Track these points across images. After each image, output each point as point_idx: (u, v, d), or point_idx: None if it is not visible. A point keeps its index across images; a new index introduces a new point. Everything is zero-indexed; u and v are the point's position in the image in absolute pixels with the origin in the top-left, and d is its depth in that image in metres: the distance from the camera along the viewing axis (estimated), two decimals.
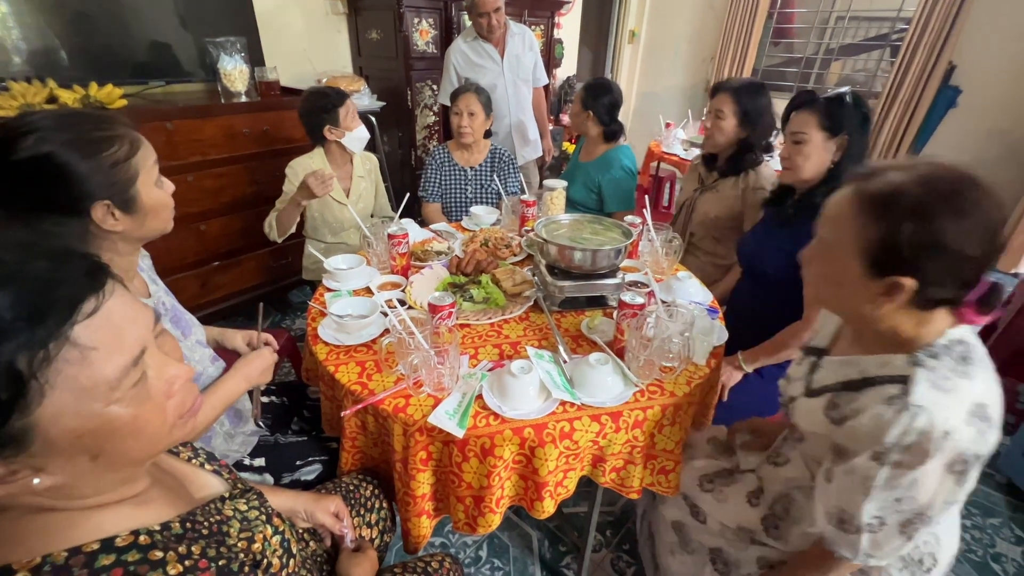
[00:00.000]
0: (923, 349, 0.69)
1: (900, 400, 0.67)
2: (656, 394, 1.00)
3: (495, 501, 0.94)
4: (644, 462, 1.01)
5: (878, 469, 0.68)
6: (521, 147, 2.69)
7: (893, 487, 0.68)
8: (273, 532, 0.62)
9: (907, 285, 0.65)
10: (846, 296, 0.73)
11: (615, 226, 1.37)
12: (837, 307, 0.80)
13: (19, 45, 1.85)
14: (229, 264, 2.32)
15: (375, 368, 1.05)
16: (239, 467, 1.09)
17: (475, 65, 2.45)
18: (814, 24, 4.32)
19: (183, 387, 0.50)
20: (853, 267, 0.69)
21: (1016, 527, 1.62)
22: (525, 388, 0.95)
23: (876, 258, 0.67)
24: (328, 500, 0.92)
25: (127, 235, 0.84)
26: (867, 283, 0.69)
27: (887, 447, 0.67)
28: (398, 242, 1.36)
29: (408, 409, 0.95)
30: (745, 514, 0.99)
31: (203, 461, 0.66)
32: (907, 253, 0.64)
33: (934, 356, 0.68)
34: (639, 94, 5.25)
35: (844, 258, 0.70)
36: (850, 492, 0.72)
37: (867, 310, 0.71)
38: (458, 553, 1.49)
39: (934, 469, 0.66)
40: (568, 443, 0.92)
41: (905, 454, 0.66)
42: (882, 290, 0.67)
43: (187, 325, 1.04)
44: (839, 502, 0.74)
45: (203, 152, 2.07)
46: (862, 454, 0.70)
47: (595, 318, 1.22)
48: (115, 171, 0.78)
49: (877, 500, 0.69)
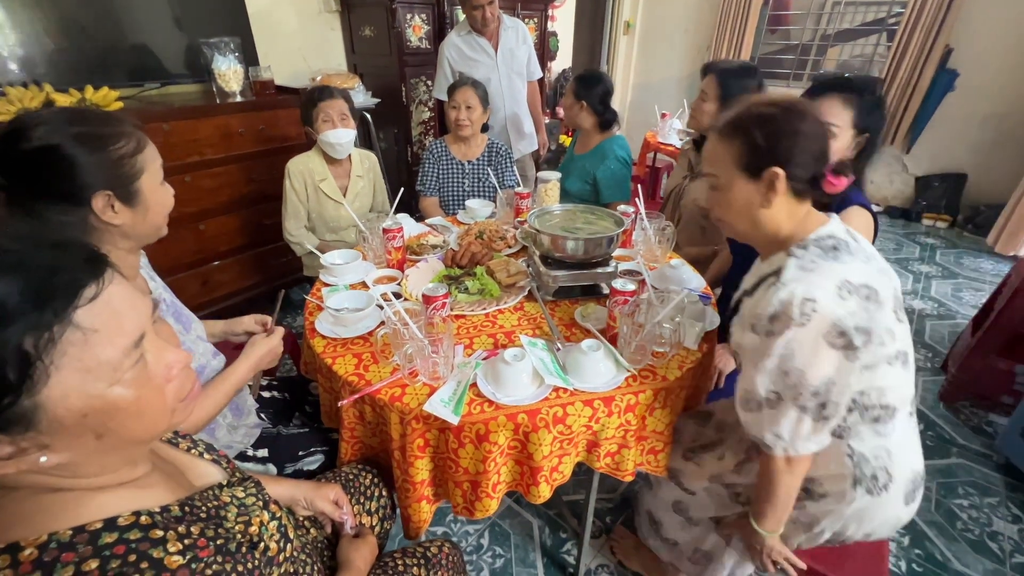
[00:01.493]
0: (796, 244, 0.83)
1: (774, 282, 0.81)
2: (648, 379, 1.02)
3: (491, 486, 0.96)
4: (636, 443, 1.03)
5: (754, 338, 0.81)
6: (516, 141, 2.69)
7: (770, 354, 0.78)
8: (271, 518, 0.64)
9: (777, 172, 0.80)
10: (743, 209, 0.86)
11: (608, 215, 1.38)
12: (742, 224, 0.90)
13: (15, 50, 1.86)
14: (229, 263, 2.34)
15: (372, 359, 1.07)
16: (242, 458, 1.11)
17: (469, 59, 2.45)
18: (810, 10, 4.30)
19: (181, 372, 0.52)
20: (738, 181, 0.85)
21: (1013, 506, 1.63)
22: (518, 375, 0.97)
23: (748, 162, 0.83)
24: (327, 488, 0.94)
25: (127, 230, 0.86)
26: (751, 187, 0.84)
27: (759, 319, 0.80)
28: (392, 236, 1.37)
29: (404, 398, 0.97)
30: (717, 466, 1.05)
31: (202, 451, 0.68)
32: (767, 145, 0.81)
33: (804, 247, 0.83)
34: (635, 85, 5.23)
35: (729, 179, 0.86)
36: (746, 371, 0.84)
37: (763, 212, 0.85)
38: (460, 541, 1.51)
39: (807, 338, 0.76)
40: (562, 428, 0.94)
41: (773, 323, 0.78)
42: (765, 187, 0.82)
43: (188, 321, 1.06)
44: (742, 384, 0.86)
45: (200, 152, 2.09)
46: (746, 334, 0.83)
47: (588, 306, 1.24)
48: (120, 164, 0.81)
49: (763, 372, 0.80)
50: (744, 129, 0.83)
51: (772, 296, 0.79)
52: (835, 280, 0.78)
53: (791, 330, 0.76)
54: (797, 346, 0.77)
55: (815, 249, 0.82)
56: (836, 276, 0.79)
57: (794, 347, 0.77)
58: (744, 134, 0.83)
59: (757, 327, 0.80)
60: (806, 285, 0.77)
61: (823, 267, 0.80)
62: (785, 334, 0.77)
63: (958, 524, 1.57)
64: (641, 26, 4.98)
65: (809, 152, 0.81)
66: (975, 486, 1.70)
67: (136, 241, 0.91)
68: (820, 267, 0.80)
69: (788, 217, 0.85)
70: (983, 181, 3.60)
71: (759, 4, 4.20)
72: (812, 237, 0.83)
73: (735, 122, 0.84)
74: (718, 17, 4.37)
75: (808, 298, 0.76)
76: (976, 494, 1.67)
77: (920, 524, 1.56)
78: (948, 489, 1.68)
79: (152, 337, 0.50)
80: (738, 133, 0.84)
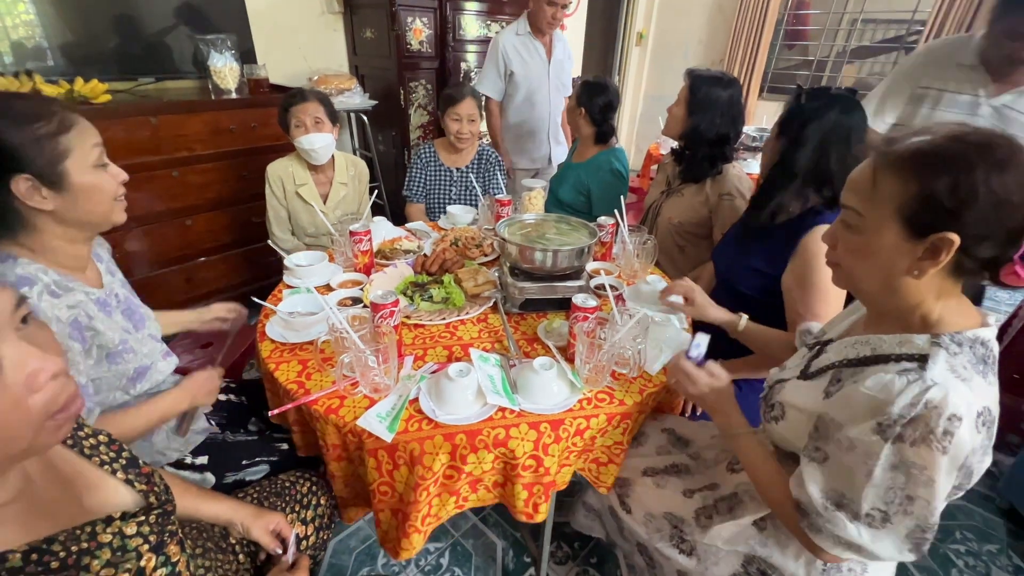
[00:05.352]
0: (948, 334, 0.64)
1: (915, 373, 0.62)
2: (604, 402, 0.95)
3: (420, 519, 0.89)
4: (577, 458, 0.96)
5: (882, 445, 0.62)
6: (555, 148, 2.70)
7: (896, 468, 0.62)
8: (162, 563, 0.58)
9: (951, 240, 0.61)
10: (882, 267, 0.68)
11: (583, 226, 1.32)
12: (870, 283, 0.72)
13: (7, 41, 1.88)
14: (215, 260, 2.32)
15: (317, 367, 1.02)
16: (178, 465, 1.06)
17: (524, 60, 2.42)
18: (826, 26, 4.20)
19: (53, 382, 0.46)
20: (890, 232, 0.65)
21: (1015, 555, 1.51)
22: (462, 392, 0.91)
23: (915, 217, 0.63)
24: (270, 517, 0.89)
25: (61, 216, 0.82)
26: (907, 247, 0.64)
27: (892, 418, 0.61)
28: (359, 239, 1.33)
29: (341, 410, 0.91)
30: (676, 502, 0.94)
31: (119, 467, 0.62)
32: (949, 205, 0.60)
33: (958, 344, 0.64)
34: (646, 96, 5.17)
35: (878, 225, 0.66)
36: (851, 473, 0.65)
37: (907, 280, 0.66)
38: (419, 559, 1.45)
39: (943, 465, 0.60)
40: (503, 451, 0.87)
41: (907, 427, 0.60)
42: (924, 251, 0.63)
43: (141, 319, 1.02)
44: (836, 484, 0.68)
45: (189, 148, 2.08)
46: (860, 425, 0.64)
47: (553, 321, 1.18)
48: (40, 145, 0.77)
49: (879, 485, 0.63)
50: (927, 170, 0.62)
51: (916, 390, 0.61)
52: (980, 403, 0.61)
53: (930, 452, 0.59)
54: (936, 477, 0.60)
55: (969, 353, 0.63)
56: (981, 399, 0.61)
57: (931, 476, 0.60)
58: (924, 178, 0.62)
59: (888, 430, 0.61)
60: (957, 396, 0.59)
61: (975, 381, 0.61)
62: (921, 451, 0.60)
63: (953, 572, 1.46)
64: (654, 37, 4.92)
65: (1005, 228, 0.61)
66: (975, 531, 1.58)
67: (78, 229, 0.87)
68: (973, 379, 0.61)
69: (936, 295, 0.67)
70: None
71: (774, 19, 4.12)
72: (969, 335, 0.64)
73: (916, 155, 0.63)
74: (732, 30, 4.30)
75: (956, 415, 0.59)
76: (975, 540, 1.56)
77: (912, 570, 1.46)
78: (945, 533, 1.57)
79: (12, 340, 0.44)
80: (916, 172, 0.62)
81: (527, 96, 2.49)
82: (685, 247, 1.71)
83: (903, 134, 0.66)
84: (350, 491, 1.03)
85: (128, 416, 0.92)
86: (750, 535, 0.85)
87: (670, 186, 1.73)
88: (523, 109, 2.52)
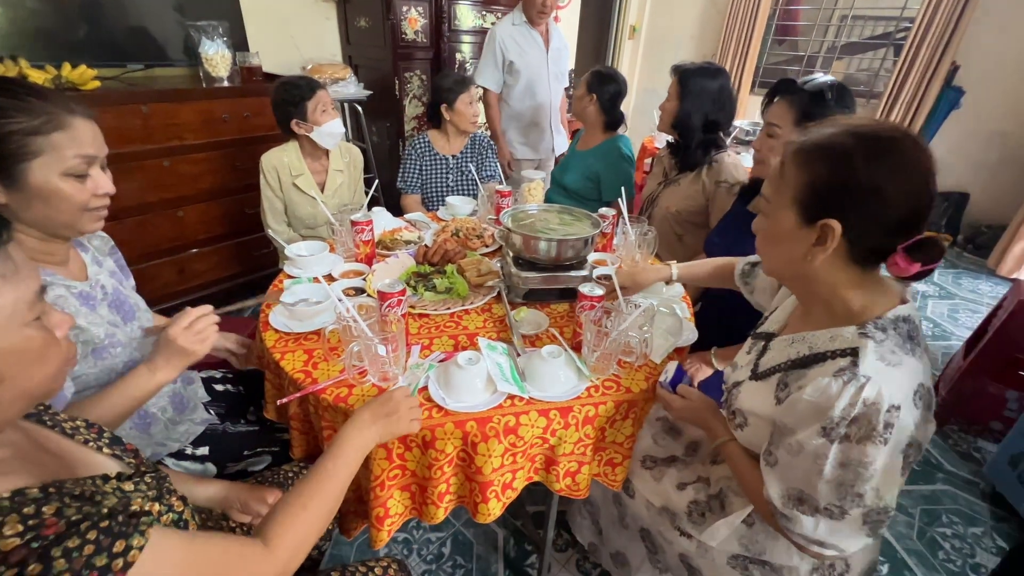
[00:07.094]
0: (872, 321, 0.67)
1: (849, 372, 0.64)
2: (611, 390, 0.96)
3: (437, 495, 0.91)
4: (594, 455, 0.97)
5: (828, 447, 0.65)
6: (557, 137, 2.71)
7: (845, 465, 0.65)
8: (166, 510, 0.57)
9: (834, 228, 0.65)
10: (786, 252, 0.73)
11: (585, 216, 1.32)
12: (782, 268, 0.78)
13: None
14: (208, 252, 2.29)
15: (323, 357, 1.02)
16: (179, 456, 1.05)
17: (522, 50, 2.42)
18: (816, 22, 4.24)
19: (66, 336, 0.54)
20: (788, 217, 0.70)
21: (998, 537, 1.57)
22: (471, 380, 0.91)
23: (804, 203, 0.68)
24: (264, 490, 0.89)
25: (15, 214, 0.77)
26: (802, 233, 0.69)
27: (835, 421, 0.64)
28: (361, 229, 1.32)
29: (350, 399, 0.91)
30: (671, 497, 0.98)
31: (103, 444, 0.62)
32: (827, 194, 0.65)
33: (882, 329, 0.67)
34: (640, 90, 5.18)
35: (781, 210, 0.71)
36: (805, 473, 0.68)
37: (806, 265, 0.70)
38: (421, 549, 1.46)
39: (886, 455, 0.63)
40: (513, 438, 0.88)
41: (851, 427, 0.63)
42: (814, 237, 0.68)
43: (130, 310, 1.00)
44: (794, 484, 0.71)
45: (180, 137, 2.04)
46: (807, 429, 0.67)
47: (521, 311, 1.19)
48: (7, 139, 0.72)
49: (832, 481, 0.66)
50: (814, 159, 0.66)
51: (848, 391, 0.63)
52: (913, 382, 0.64)
53: (874, 447, 0.62)
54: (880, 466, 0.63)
55: (895, 335, 0.66)
56: (914, 377, 0.64)
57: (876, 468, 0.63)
58: (812, 165, 0.66)
59: (832, 432, 0.64)
60: (892, 387, 0.62)
61: (905, 363, 0.64)
62: (866, 448, 0.63)
63: (940, 554, 1.50)
64: (647, 31, 4.93)
65: (881, 218, 0.64)
66: (960, 514, 1.64)
67: (39, 230, 0.81)
68: (902, 362, 0.64)
69: (849, 285, 0.70)
70: (986, 201, 3.54)
71: (766, 14, 4.15)
72: (890, 318, 0.67)
73: (809, 147, 0.68)
74: (725, 24, 4.32)
75: (894, 405, 0.61)
76: (960, 523, 1.61)
77: (900, 552, 1.50)
78: (932, 517, 1.62)
79: (50, 309, 0.53)
80: (808, 161, 0.67)
81: (527, 85, 2.49)
82: (683, 235, 1.73)
83: (816, 127, 0.69)
84: (350, 492, 1.01)
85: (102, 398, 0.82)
86: (742, 533, 0.89)
87: (667, 177, 1.75)
88: (524, 99, 2.52)
